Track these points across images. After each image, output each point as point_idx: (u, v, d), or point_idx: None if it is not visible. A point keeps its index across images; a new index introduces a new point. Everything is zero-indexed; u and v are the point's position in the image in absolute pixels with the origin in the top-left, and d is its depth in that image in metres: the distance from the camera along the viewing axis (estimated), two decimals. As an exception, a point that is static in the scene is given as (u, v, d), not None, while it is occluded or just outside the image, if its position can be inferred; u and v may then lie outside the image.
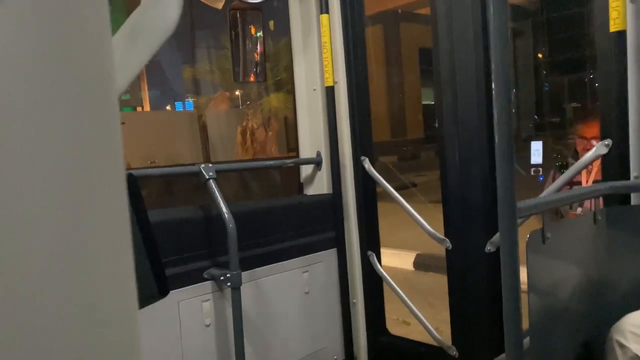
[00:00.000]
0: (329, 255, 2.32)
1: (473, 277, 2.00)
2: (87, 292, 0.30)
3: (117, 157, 0.32)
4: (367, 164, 2.33)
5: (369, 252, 2.37)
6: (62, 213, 0.28)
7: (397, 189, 2.28)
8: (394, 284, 2.29)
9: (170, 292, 1.32)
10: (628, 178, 1.53)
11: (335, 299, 2.35)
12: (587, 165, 1.65)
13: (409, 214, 2.18)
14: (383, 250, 2.48)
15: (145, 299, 1.00)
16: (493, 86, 1.02)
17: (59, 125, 0.28)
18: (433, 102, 2.17)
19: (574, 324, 1.30)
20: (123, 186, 0.33)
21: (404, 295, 2.26)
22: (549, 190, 1.78)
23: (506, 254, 1.01)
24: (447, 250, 2.06)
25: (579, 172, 1.73)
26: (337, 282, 2.35)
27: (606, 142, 1.58)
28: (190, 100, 12.51)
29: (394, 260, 5.44)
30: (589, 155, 1.63)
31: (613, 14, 1.52)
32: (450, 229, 2.06)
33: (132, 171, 1.34)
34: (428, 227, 2.10)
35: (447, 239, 2.04)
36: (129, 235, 0.32)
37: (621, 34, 1.53)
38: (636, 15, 1.50)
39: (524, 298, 1.08)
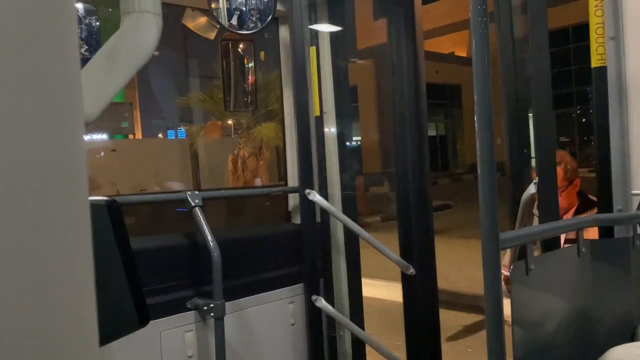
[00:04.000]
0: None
1: (433, 305, 2.05)
2: (42, 327, 0.29)
3: (81, 186, 0.31)
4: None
5: (354, 283, 2.35)
6: (18, 242, 0.28)
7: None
8: (345, 320, 2.24)
9: (152, 321, 1.30)
10: (611, 211, 1.54)
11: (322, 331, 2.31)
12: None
13: (370, 242, 2.17)
14: (373, 282, 2.47)
15: (125, 327, 0.98)
16: (475, 120, 1.04)
17: (15, 149, 0.28)
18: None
19: (558, 357, 1.28)
20: (87, 216, 0.32)
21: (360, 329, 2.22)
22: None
23: (489, 284, 1.01)
24: (409, 276, 2.08)
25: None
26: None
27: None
28: (183, 128, 12.55)
29: (384, 291, 5.39)
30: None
31: (594, 51, 1.57)
32: (413, 254, 2.11)
33: (115, 198, 1.33)
34: (392, 253, 2.12)
35: (411, 265, 2.07)
36: (91, 268, 0.32)
37: (602, 70, 1.57)
38: (615, 51, 1.54)
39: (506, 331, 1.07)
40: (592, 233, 1.72)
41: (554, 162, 1.58)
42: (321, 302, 2.14)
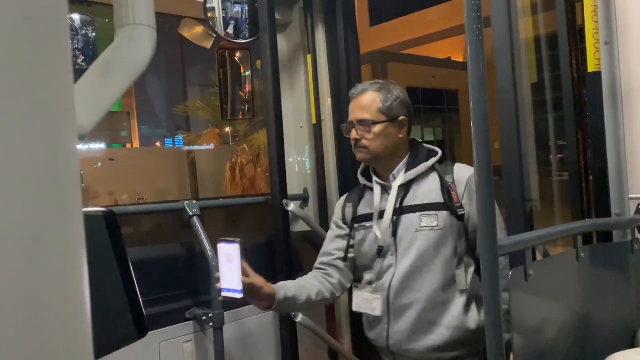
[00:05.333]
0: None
1: None
2: (36, 341, 0.28)
3: (75, 198, 0.31)
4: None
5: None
6: (11, 254, 0.28)
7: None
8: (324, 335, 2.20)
9: (151, 332, 1.29)
10: (609, 215, 1.54)
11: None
12: None
13: None
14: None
15: (123, 339, 0.98)
16: (472, 125, 1.04)
17: (7, 162, 0.28)
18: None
19: (560, 364, 1.28)
20: (80, 228, 0.32)
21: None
22: None
23: (488, 289, 1.00)
24: None
25: None
26: (325, 322, 2.30)
27: None
28: (180, 137, 12.56)
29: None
30: None
31: (591, 56, 1.58)
32: None
33: (113, 208, 1.33)
34: None
35: None
36: (85, 280, 0.31)
37: (598, 74, 1.58)
38: (610, 56, 1.55)
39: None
40: None
41: (519, 169, 1.54)
42: (299, 317, 2.01)
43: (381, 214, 1.57)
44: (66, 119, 0.32)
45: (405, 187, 1.56)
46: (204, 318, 1.80)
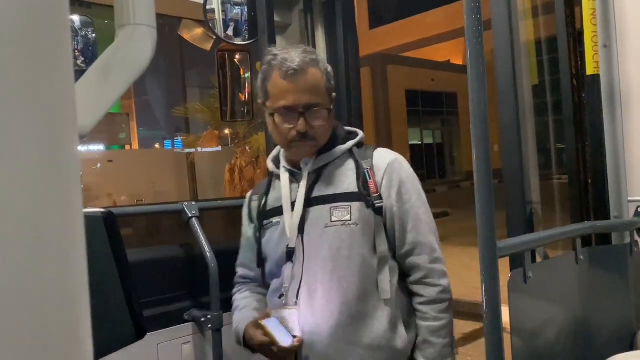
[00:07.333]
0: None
1: None
2: (35, 342, 0.28)
3: (75, 198, 0.31)
4: None
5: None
6: (11, 255, 0.28)
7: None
8: None
9: (150, 334, 1.29)
10: (608, 218, 1.55)
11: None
12: None
13: None
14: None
15: (122, 340, 0.98)
16: (471, 126, 1.04)
17: (8, 161, 0.28)
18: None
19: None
20: (81, 228, 0.32)
21: None
22: None
23: (488, 292, 1.00)
24: None
25: None
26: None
27: None
28: (179, 138, 12.57)
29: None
30: None
31: (590, 58, 1.58)
32: None
33: (111, 209, 1.33)
34: None
35: None
36: (85, 281, 0.31)
37: (597, 77, 1.58)
38: (608, 59, 1.56)
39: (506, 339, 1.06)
40: None
41: (519, 172, 1.53)
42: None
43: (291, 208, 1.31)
44: (67, 119, 0.32)
45: (317, 174, 1.30)
46: (202, 320, 1.80)
